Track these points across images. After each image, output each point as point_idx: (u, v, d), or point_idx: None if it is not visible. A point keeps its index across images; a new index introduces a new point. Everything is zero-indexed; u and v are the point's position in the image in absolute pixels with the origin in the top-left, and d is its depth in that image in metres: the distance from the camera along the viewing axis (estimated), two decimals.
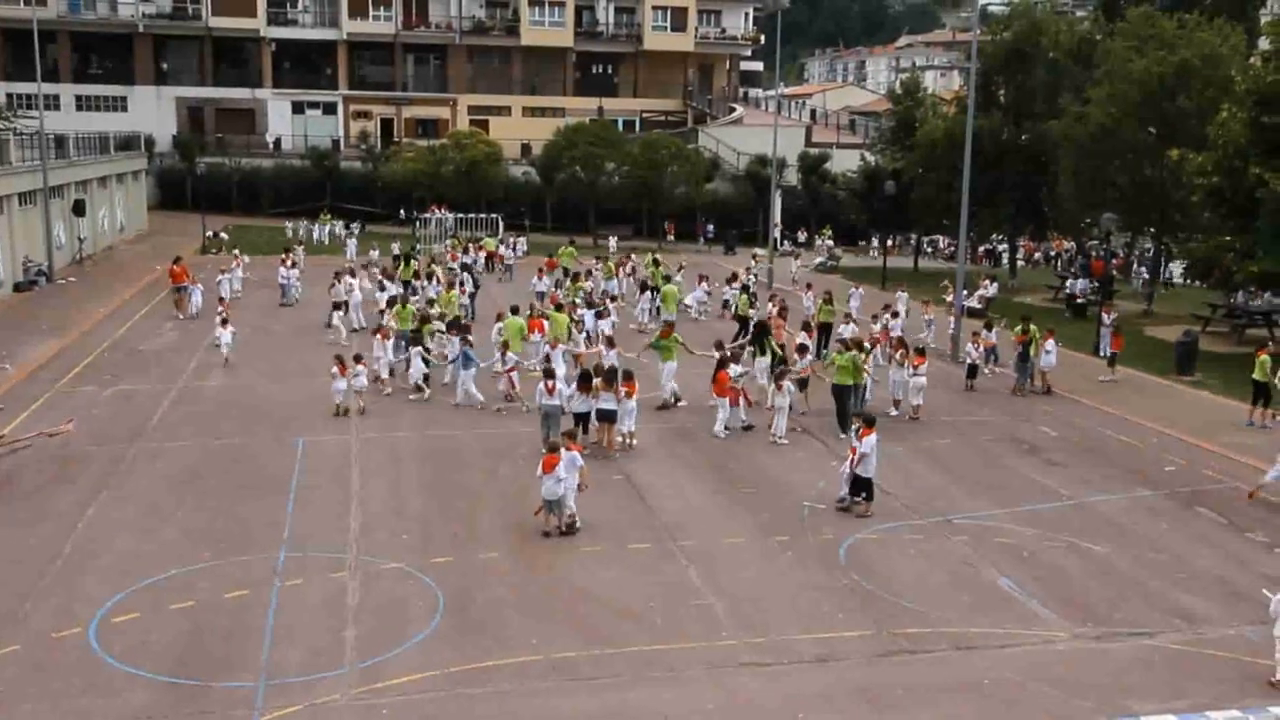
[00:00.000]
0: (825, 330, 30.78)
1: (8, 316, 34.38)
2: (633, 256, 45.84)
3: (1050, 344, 27.26)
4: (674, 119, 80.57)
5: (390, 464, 20.35)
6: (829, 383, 23.33)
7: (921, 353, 24.91)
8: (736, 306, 32.46)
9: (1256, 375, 24.50)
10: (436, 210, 56.19)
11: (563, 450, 16.70)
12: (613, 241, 56.70)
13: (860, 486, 18.04)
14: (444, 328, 26.99)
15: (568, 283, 37.43)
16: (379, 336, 26.12)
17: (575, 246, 46.22)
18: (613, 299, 34.44)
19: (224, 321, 28.74)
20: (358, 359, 24.32)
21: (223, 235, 53.78)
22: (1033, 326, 27.52)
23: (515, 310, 27.61)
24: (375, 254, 46.70)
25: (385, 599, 14.42)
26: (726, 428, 22.59)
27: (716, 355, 24.25)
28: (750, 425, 22.82)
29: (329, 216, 59.26)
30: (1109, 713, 11.89)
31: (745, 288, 35.46)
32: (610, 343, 25.14)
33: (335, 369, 23.67)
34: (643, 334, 32.12)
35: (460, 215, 56.24)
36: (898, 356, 24.84)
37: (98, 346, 30.27)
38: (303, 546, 16.13)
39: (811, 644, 13.43)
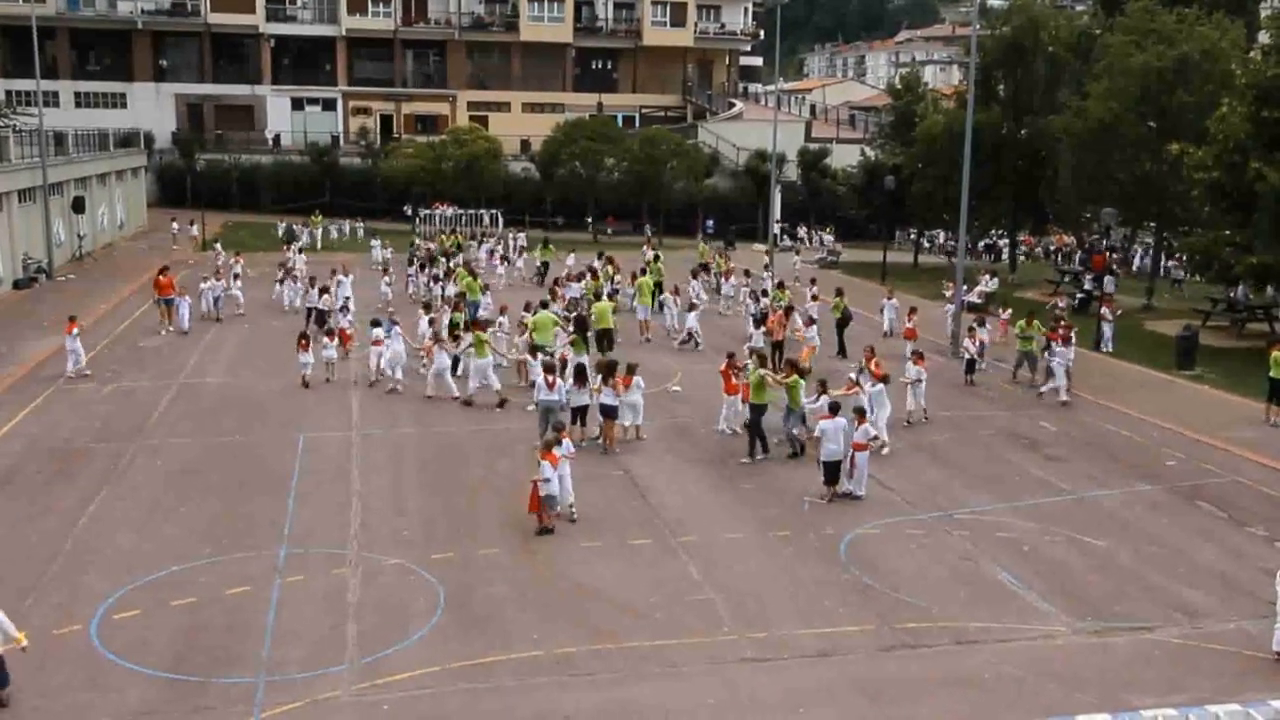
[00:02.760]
0: (841, 326, 30.99)
1: (8, 314, 34.37)
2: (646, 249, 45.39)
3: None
4: (673, 114, 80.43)
5: (391, 460, 20.36)
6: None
7: (920, 355, 24.52)
8: (837, 308, 32.29)
9: (1274, 373, 24.35)
10: (441, 207, 56.12)
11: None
12: (648, 229, 56.46)
13: (827, 472, 18.39)
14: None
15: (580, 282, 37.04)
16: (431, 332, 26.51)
17: (708, 245, 45.06)
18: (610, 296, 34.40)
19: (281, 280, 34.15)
20: (329, 334, 26.99)
21: (186, 228, 52.75)
22: (1036, 322, 27.59)
23: (545, 305, 27.95)
24: (389, 253, 45.87)
25: (386, 595, 14.44)
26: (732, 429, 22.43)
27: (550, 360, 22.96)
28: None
29: (320, 218, 56.06)
30: (1109, 707, 11.90)
31: (839, 290, 34.18)
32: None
33: (298, 345, 26.01)
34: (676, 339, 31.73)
35: (460, 211, 56.19)
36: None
37: (98, 343, 30.22)
38: (303, 543, 16.15)
39: (812, 639, 13.45)
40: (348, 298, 32.57)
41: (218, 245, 46.05)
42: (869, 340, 30.25)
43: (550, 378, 20.85)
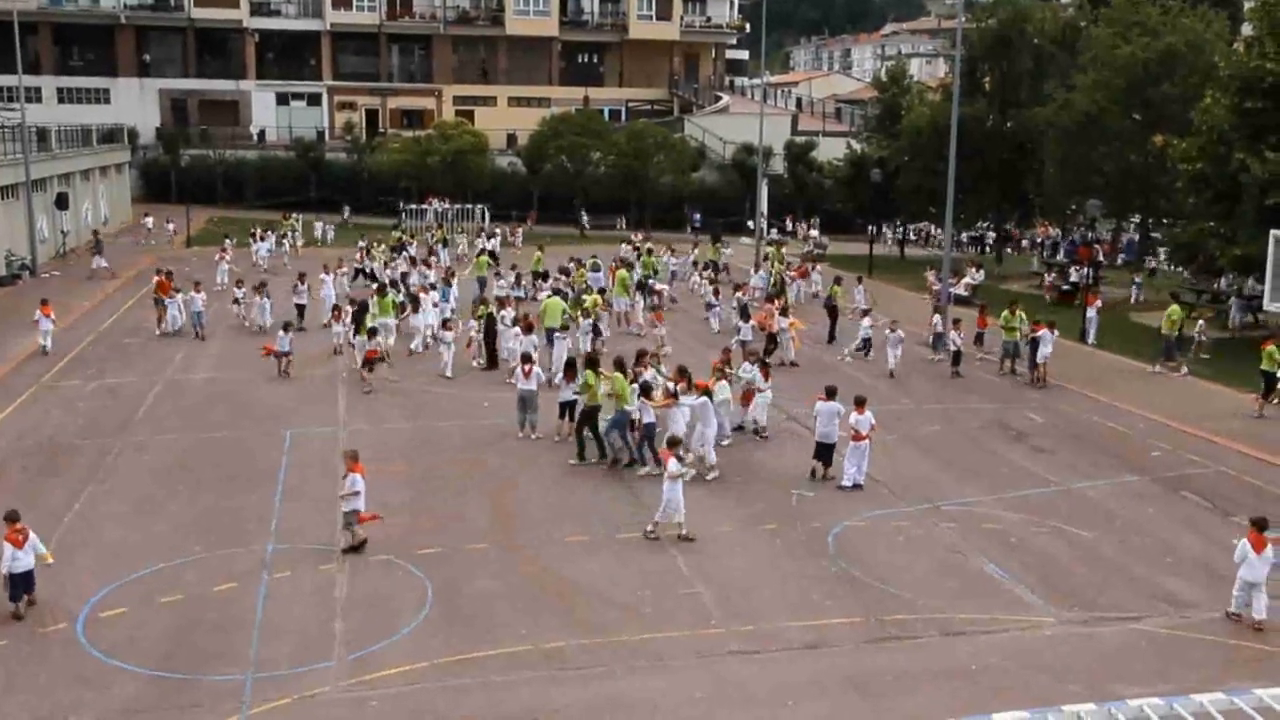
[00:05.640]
0: (834, 313, 31.55)
1: None
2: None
3: (1045, 333, 26.75)
4: (660, 108, 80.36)
5: (377, 456, 20.19)
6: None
7: (764, 365, 22.26)
8: (831, 295, 32.47)
9: (1265, 366, 24.40)
10: (434, 201, 55.95)
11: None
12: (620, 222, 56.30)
13: (819, 452, 19.07)
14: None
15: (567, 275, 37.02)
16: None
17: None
18: (600, 291, 34.40)
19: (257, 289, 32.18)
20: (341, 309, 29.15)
21: (163, 226, 51.19)
22: (1020, 312, 27.72)
23: (559, 293, 29.84)
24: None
25: (373, 591, 14.40)
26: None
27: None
28: (740, 425, 22.37)
29: (290, 220, 51.93)
30: (1096, 697, 11.92)
31: (838, 279, 33.79)
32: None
33: (332, 316, 29.03)
34: (641, 337, 30.84)
35: (448, 206, 56.01)
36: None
37: (82, 340, 30.10)
38: (291, 539, 16.09)
39: (800, 631, 13.47)
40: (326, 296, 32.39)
41: (230, 240, 44.11)
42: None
43: (527, 366, 21.04)
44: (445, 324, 27.04)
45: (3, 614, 13.55)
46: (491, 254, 41.50)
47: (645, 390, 19.14)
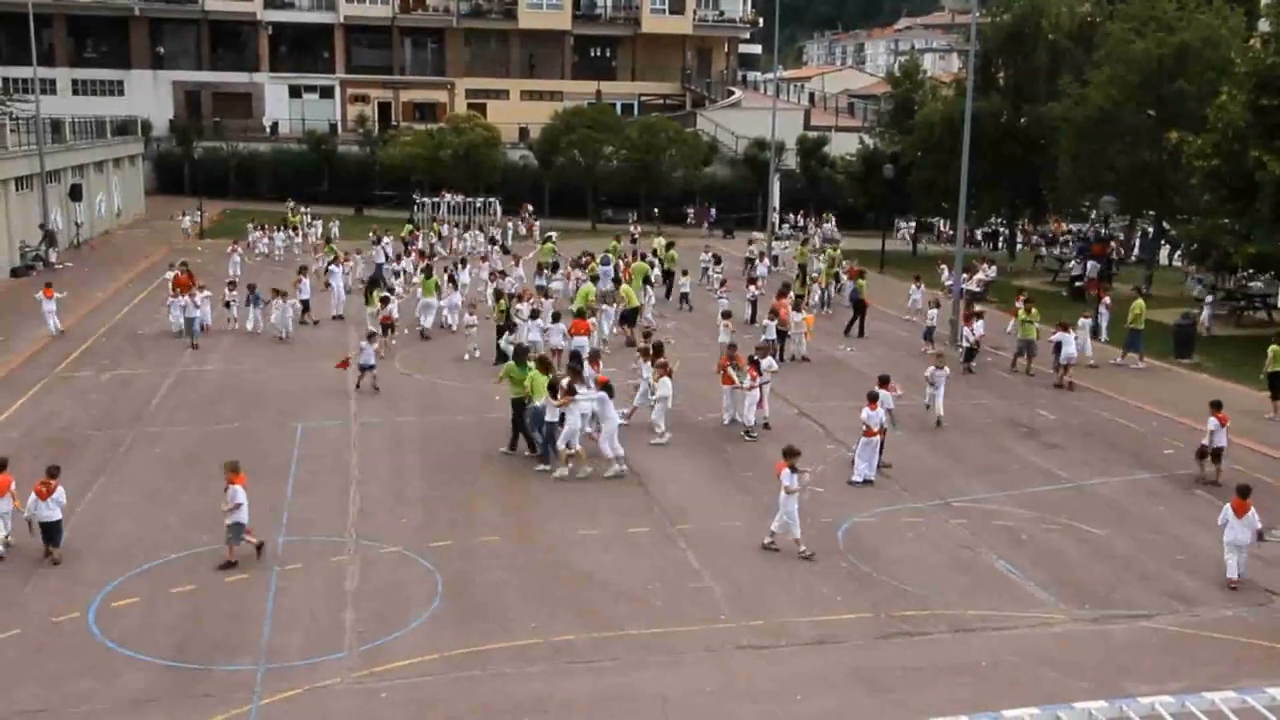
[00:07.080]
0: (860, 307, 31.84)
1: (5, 301, 34.30)
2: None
3: (1067, 335, 26.43)
4: (672, 102, 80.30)
5: (389, 448, 20.34)
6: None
7: (753, 362, 21.69)
8: (856, 290, 32.61)
9: (1273, 367, 24.03)
10: (446, 195, 56.00)
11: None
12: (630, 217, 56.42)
13: None
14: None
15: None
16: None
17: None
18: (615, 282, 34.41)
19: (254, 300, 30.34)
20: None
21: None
22: (1035, 310, 27.63)
23: (595, 279, 31.17)
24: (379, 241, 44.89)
25: (384, 583, 14.45)
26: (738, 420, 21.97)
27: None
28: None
29: (297, 215, 51.83)
30: (1106, 694, 11.89)
31: (861, 273, 33.84)
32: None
33: (366, 297, 30.16)
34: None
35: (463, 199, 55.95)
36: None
37: (95, 331, 30.21)
38: (302, 531, 16.14)
39: (809, 626, 13.47)
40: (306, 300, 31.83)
41: (255, 230, 44.70)
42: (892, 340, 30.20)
43: None
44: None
45: (13, 601, 13.68)
46: (553, 242, 42.19)
47: (552, 388, 18.72)
